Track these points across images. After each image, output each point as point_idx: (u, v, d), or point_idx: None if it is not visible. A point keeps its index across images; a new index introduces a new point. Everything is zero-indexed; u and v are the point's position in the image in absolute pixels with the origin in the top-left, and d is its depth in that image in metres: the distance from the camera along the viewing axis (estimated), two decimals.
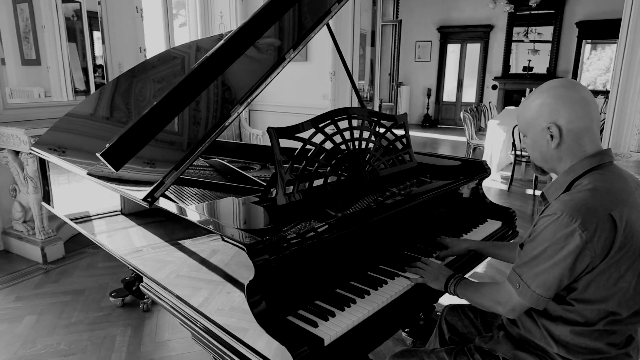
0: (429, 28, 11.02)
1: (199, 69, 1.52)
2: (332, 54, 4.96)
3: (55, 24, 4.78)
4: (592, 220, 0.98)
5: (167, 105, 1.47)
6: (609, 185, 1.05)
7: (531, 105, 1.13)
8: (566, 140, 1.09)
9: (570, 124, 1.07)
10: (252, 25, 1.64)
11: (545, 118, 1.09)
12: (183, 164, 1.33)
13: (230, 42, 1.58)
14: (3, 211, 3.34)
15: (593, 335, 1.06)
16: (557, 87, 1.10)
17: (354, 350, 1.14)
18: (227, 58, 1.58)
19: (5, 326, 2.40)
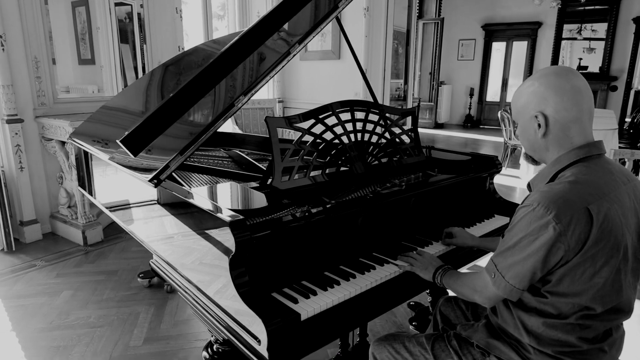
0: (473, 26, 10.74)
1: (211, 65, 1.63)
2: (365, 52, 4.98)
3: (109, 25, 5.07)
4: (567, 212, 0.96)
5: (181, 98, 1.59)
6: (592, 178, 1.03)
7: (523, 92, 1.11)
8: (553, 130, 1.07)
9: (557, 113, 1.05)
10: (261, 25, 1.72)
11: (534, 106, 1.08)
12: (187, 150, 1.43)
13: (238, 42, 1.68)
14: (51, 197, 3.64)
15: (565, 329, 1.04)
16: (549, 75, 1.08)
17: (330, 328, 1.20)
18: (234, 58, 1.67)
19: (45, 299, 2.65)
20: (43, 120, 3.43)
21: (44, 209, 3.63)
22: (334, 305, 1.22)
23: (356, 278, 1.34)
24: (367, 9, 4.87)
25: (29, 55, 3.36)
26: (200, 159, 2.28)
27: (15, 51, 3.27)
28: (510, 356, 1.13)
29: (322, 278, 1.32)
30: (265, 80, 1.62)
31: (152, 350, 2.16)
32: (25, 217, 3.47)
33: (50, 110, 3.53)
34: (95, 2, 5.18)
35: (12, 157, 3.32)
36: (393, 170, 1.82)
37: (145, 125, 1.55)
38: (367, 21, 4.92)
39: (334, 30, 5.27)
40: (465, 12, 10.73)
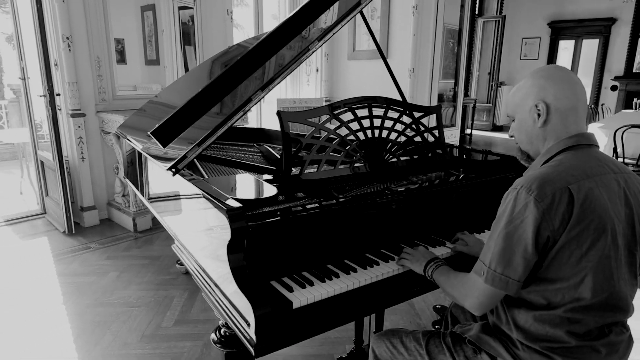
0: (538, 23, 10.17)
1: (235, 65, 1.71)
2: (412, 51, 4.90)
3: (172, 28, 5.37)
4: (547, 191, 0.97)
5: (205, 94, 1.69)
6: (576, 162, 1.03)
7: (521, 87, 1.14)
8: (552, 119, 1.08)
9: (558, 101, 1.07)
10: (284, 26, 1.77)
11: (534, 97, 1.10)
12: (204, 142, 1.52)
13: (261, 44, 1.74)
14: (108, 186, 3.96)
15: (554, 322, 1.02)
16: (547, 69, 1.11)
17: (323, 319, 1.22)
18: (252, 60, 1.73)
19: (94, 278, 2.89)
20: (103, 115, 3.74)
21: (101, 197, 3.95)
22: (329, 296, 1.24)
23: (357, 272, 1.34)
24: (416, 7, 4.79)
25: (92, 55, 3.67)
26: (231, 153, 2.38)
27: (80, 51, 3.59)
28: (499, 352, 1.11)
29: (323, 270, 1.34)
30: (282, 76, 1.66)
31: (181, 331, 2.29)
32: (85, 203, 3.80)
33: (110, 106, 3.83)
34: (161, 6, 5.53)
35: (75, 148, 3.65)
36: (411, 168, 1.80)
37: (173, 119, 1.66)
38: (416, 19, 4.83)
39: (382, 29, 5.24)
40: (529, 9, 10.18)
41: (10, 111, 7.13)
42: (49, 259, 3.20)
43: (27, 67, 3.73)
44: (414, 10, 4.82)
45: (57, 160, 3.50)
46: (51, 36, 3.43)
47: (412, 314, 2.47)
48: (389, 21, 5.19)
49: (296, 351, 2.15)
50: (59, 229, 3.73)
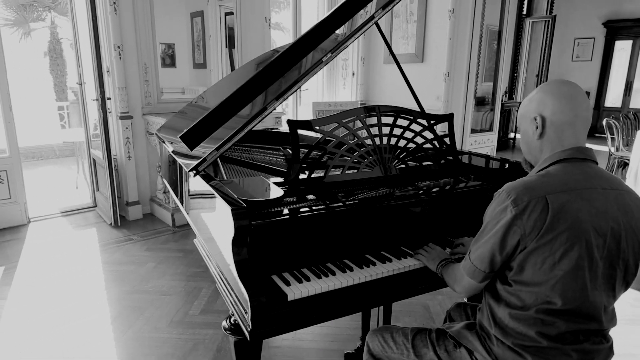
0: (592, 23, 9.69)
1: (253, 78, 1.85)
2: (448, 55, 4.88)
3: (218, 33, 5.65)
4: (524, 198, 1.03)
5: (230, 101, 1.85)
6: (562, 175, 1.07)
7: (527, 99, 1.21)
8: (548, 132, 1.14)
9: (554, 115, 1.12)
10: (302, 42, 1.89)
11: (534, 110, 1.16)
12: (223, 146, 1.67)
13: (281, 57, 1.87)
14: (152, 183, 4.26)
15: (528, 321, 1.07)
16: (551, 84, 1.17)
17: (316, 312, 1.33)
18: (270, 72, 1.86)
19: (133, 267, 3.15)
20: (148, 117, 4.04)
21: (145, 193, 4.26)
22: (322, 292, 1.34)
23: (353, 271, 1.44)
24: (452, 10, 4.77)
25: (140, 62, 3.98)
26: (257, 155, 2.53)
27: (129, 59, 3.90)
28: (476, 346, 1.18)
29: (321, 268, 1.45)
30: (297, 86, 1.78)
31: (205, 320, 2.48)
32: (130, 198, 4.12)
33: (154, 108, 4.13)
34: (209, 12, 5.84)
35: (123, 147, 3.97)
36: (419, 175, 1.86)
37: (200, 124, 1.83)
38: (452, 23, 4.81)
39: (419, 33, 5.25)
40: (583, 8, 9.72)
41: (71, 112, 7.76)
42: (96, 248, 3.51)
43: (83, 73, 4.10)
44: (450, 14, 4.80)
45: (106, 158, 3.83)
46: (104, 45, 3.75)
47: (426, 317, 2.52)
48: (425, 25, 5.19)
49: (310, 345, 2.27)
50: (106, 221, 4.07)
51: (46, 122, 8.76)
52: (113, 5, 3.64)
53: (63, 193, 5.16)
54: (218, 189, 1.51)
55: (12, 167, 3.85)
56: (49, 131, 7.88)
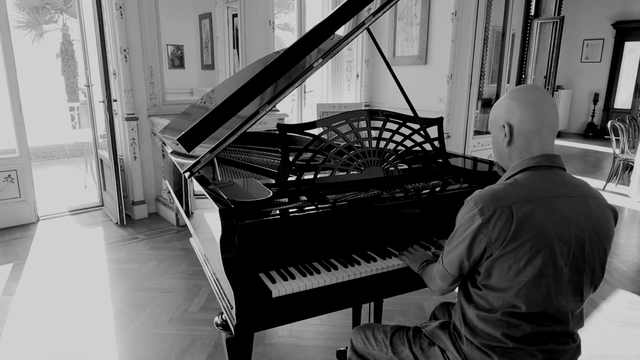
0: (601, 24, 9.60)
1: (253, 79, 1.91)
2: (451, 58, 4.91)
3: (226, 35, 5.72)
4: (490, 207, 1.06)
5: (225, 105, 1.91)
6: (530, 183, 1.10)
7: (497, 105, 1.23)
8: (516, 140, 1.16)
9: (521, 124, 1.14)
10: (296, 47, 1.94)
11: (503, 117, 1.18)
12: (216, 149, 1.73)
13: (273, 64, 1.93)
14: (157, 183, 4.35)
15: (495, 323, 1.11)
16: (519, 90, 1.18)
17: (299, 309, 1.38)
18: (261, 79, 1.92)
19: (137, 265, 3.24)
20: (153, 119, 4.13)
21: (150, 193, 4.35)
22: (306, 289, 1.39)
23: (337, 270, 1.49)
24: (455, 13, 4.79)
25: (145, 65, 4.07)
26: (255, 157, 2.60)
27: (135, 62, 3.99)
28: (447, 345, 1.22)
29: (307, 266, 1.50)
30: (289, 90, 1.84)
31: (204, 317, 2.55)
32: (135, 198, 4.22)
33: (160, 110, 4.22)
34: (216, 14, 5.93)
35: (128, 148, 4.07)
36: (408, 177, 1.91)
37: (197, 127, 1.90)
38: (455, 26, 4.83)
39: (422, 36, 5.28)
40: (592, 9, 9.64)
41: (81, 112, 7.91)
42: (102, 246, 3.61)
43: (91, 76, 4.21)
44: (452, 17, 4.82)
45: (112, 159, 3.93)
46: (111, 49, 3.85)
47: (420, 316, 2.56)
48: (428, 28, 5.22)
49: (304, 342, 2.32)
50: (112, 220, 4.17)
51: (58, 123, 8.94)
52: (119, 9, 3.74)
53: (72, 192, 5.29)
54: (210, 190, 1.57)
55: (22, 167, 3.97)
56: (60, 131, 8.05)
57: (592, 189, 1.15)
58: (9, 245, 3.60)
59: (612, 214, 1.16)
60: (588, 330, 2.45)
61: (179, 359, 2.19)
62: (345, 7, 1.91)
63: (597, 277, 1.15)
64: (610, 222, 1.14)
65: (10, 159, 3.92)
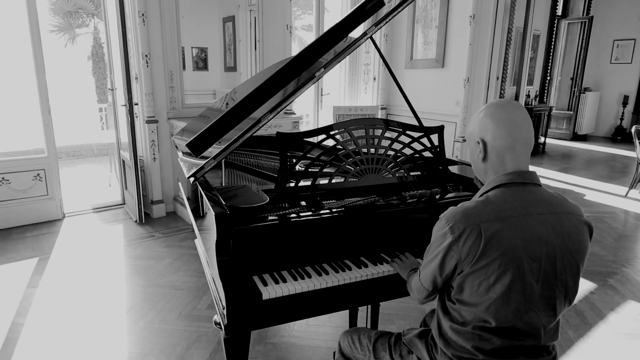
0: (632, 23, 9.29)
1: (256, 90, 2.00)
2: (468, 61, 4.87)
3: (248, 37, 5.84)
4: (460, 225, 1.09)
5: (231, 113, 2.00)
6: (500, 201, 1.12)
7: (473, 119, 1.24)
8: (490, 156, 1.18)
9: (495, 140, 1.16)
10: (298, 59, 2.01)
11: (477, 133, 1.20)
12: (219, 155, 1.82)
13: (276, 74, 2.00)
14: (175, 183, 4.50)
15: (466, 336, 1.14)
16: (492, 106, 1.20)
17: (289, 311, 1.45)
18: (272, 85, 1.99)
19: (152, 263, 3.38)
20: (172, 122, 4.28)
21: (169, 192, 4.51)
22: (296, 293, 1.46)
23: (328, 275, 1.55)
24: (473, 16, 4.76)
25: (166, 69, 4.22)
26: (262, 161, 2.68)
27: (156, 67, 4.15)
28: (423, 354, 1.26)
29: (299, 270, 1.57)
30: (290, 100, 1.91)
31: (211, 314, 2.65)
32: (154, 197, 4.38)
33: (179, 113, 4.36)
34: (239, 17, 6.07)
35: (148, 149, 4.23)
36: (406, 185, 1.95)
37: (205, 133, 2.00)
38: (473, 28, 4.80)
39: (439, 39, 5.26)
40: (623, 8, 9.34)
41: (108, 113, 8.21)
42: (121, 243, 3.77)
43: (114, 80, 4.39)
44: (471, 20, 4.79)
45: (132, 159, 4.09)
46: (133, 54, 4.02)
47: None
48: (446, 31, 5.20)
49: (304, 342, 2.39)
50: (132, 218, 4.35)
51: (87, 123, 9.31)
52: (142, 17, 3.90)
53: (97, 190, 5.52)
54: (210, 195, 1.66)
55: (50, 166, 4.19)
56: (89, 131, 8.38)
57: (568, 205, 1.16)
58: (36, 240, 3.81)
59: (587, 229, 1.17)
60: (591, 341, 2.42)
61: (184, 353, 2.29)
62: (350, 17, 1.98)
63: (571, 292, 1.16)
64: (583, 237, 1.15)
65: (39, 159, 4.14)
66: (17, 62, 4.28)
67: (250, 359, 2.25)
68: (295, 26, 14.67)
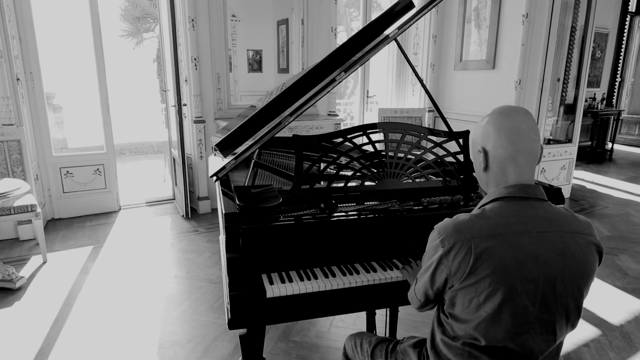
0: None
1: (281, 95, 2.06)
2: (520, 62, 4.65)
3: (300, 40, 5.98)
4: (451, 240, 1.05)
5: (258, 115, 2.09)
6: (496, 216, 1.06)
7: (477, 126, 1.19)
8: (492, 166, 1.13)
9: (495, 150, 1.11)
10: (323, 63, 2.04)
11: (479, 141, 1.15)
12: (240, 155, 1.90)
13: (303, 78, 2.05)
14: None
15: (456, 351, 1.11)
16: (495, 113, 1.14)
17: (291, 311, 1.48)
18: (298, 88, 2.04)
19: (193, 256, 3.56)
20: (219, 122, 4.47)
21: (214, 189, 4.71)
22: (300, 293, 1.49)
23: (335, 277, 1.57)
24: (527, 15, 4.52)
25: (213, 72, 4.42)
26: (291, 161, 2.73)
27: (204, 69, 4.36)
28: None
29: (308, 271, 1.60)
30: (310, 104, 1.95)
31: None
32: (200, 194, 4.60)
33: (225, 114, 4.55)
34: (292, 20, 6.22)
35: (196, 148, 4.45)
36: (426, 190, 1.91)
37: (232, 134, 2.10)
38: (526, 28, 4.56)
39: (490, 39, 5.05)
40: None
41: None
42: (167, 236, 4.01)
43: (167, 82, 4.67)
44: (524, 19, 4.56)
45: (181, 157, 4.33)
46: (183, 57, 4.25)
47: None
48: (497, 31, 4.98)
49: (328, 343, 2.41)
50: (180, 213, 4.60)
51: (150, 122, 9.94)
52: (191, 22, 4.11)
53: (152, 185, 5.89)
54: (225, 194, 1.73)
55: (108, 162, 4.54)
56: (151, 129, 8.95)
57: (575, 223, 1.08)
58: (92, 230, 4.15)
59: (596, 250, 1.09)
60: None
61: (211, 344, 2.40)
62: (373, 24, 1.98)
63: (573, 315, 1.08)
64: (589, 259, 1.07)
65: (98, 155, 4.50)
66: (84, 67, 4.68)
67: (272, 355, 2.32)
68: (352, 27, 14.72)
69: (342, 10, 14.47)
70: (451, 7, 5.54)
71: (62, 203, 4.40)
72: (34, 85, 4.02)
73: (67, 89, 7.37)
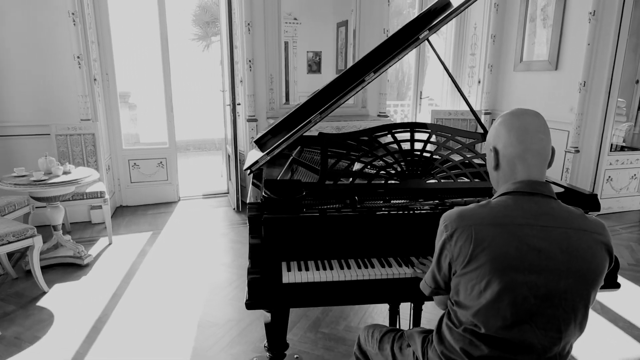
0: None
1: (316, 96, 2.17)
2: (585, 63, 4.38)
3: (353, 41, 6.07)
4: (453, 225, 1.10)
5: (295, 113, 2.22)
6: (499, 207, 1.10)
7: (492, 127, 1.23)
8: (502, 165, 1.17)
9: (505, 149, 1.15)
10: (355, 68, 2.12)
11: (491, 141, 1.20)
12: (273, 151, 2.02)
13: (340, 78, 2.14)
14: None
15: (456, 337, 1.14)
16: (507, 114, 1.18)
17: (305, 297, 1.58)
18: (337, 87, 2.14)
19: (239, 246, 3.78)
20: (270, 120, 4.67)
21: None
22: (314, 281, 1.58)
23: (350, 269, 1.64)
24: (593, 13, 4.25)
25: (267, 73, 4.63)
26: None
27: (258, 71, 4.58)
28: (417, 347, 1.29)
29: (325, 262, 1.68)
30: (338, 104, 2.04)
31: None
32: None
33: (277, 113, 4.75)
34: (351, 21, 6.33)
35: (248, 145, 4.69)
36: (449, 190, 1.92)
37: (270, 131, 2.25)
38: (592, 27, 4.29)
39: (553, 39, 4.80)
40: None
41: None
42: (218, 226, 4.28)
43: (224, 82, 4.96)
44: (590, 17, 4.29)
45: (233, 153, 4.59)
46: (239, 59, 4.50)
47: None
48: (561, 30, 4.73)
49: (347, 336, 2.48)
50: (232, 205, 4.87)
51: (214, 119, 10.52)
52: (247, 26, 4.35)
53: (210, 179, 6.26)
54: (255, 185, 1.87)
55: (170, 156, 4.91)
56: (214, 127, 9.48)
57: (583, 222, 1.08)
58: (153, 217, 4.52)
59: (605, 249, 1.07)
60: None
61: (245, 328, 2.56)
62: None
63: (581, 315, 1.08)
64: (597, 258, 1.06)
65: (162, 149, 4.89)
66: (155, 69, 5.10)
67: (299, 342, 2.43)
68: None
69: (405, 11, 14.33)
70: (512, 6, 5.33)
71: (129, 192, 4.84)
72: (109, 85, 4.46)
73: (141, 89, 8.05)
